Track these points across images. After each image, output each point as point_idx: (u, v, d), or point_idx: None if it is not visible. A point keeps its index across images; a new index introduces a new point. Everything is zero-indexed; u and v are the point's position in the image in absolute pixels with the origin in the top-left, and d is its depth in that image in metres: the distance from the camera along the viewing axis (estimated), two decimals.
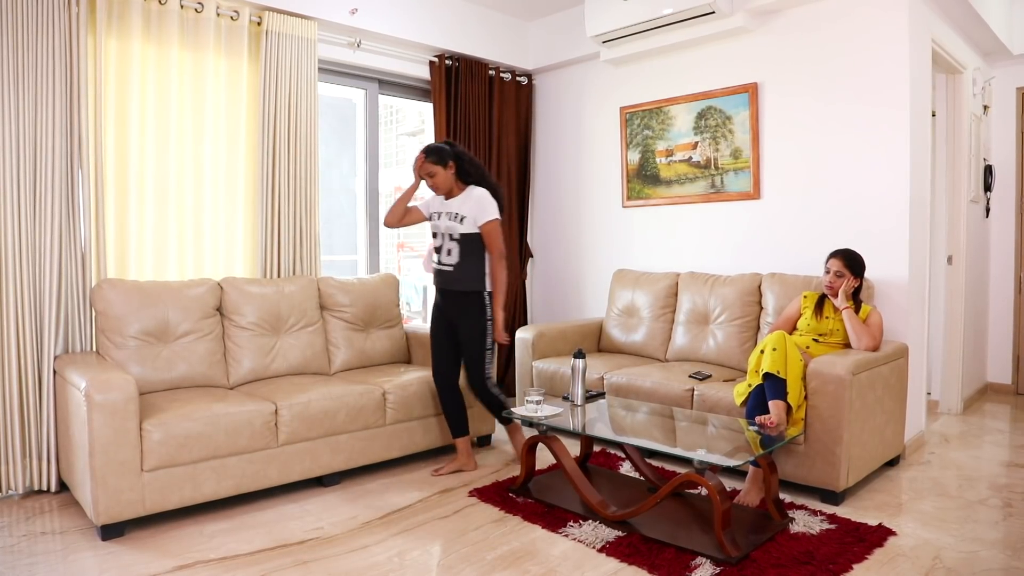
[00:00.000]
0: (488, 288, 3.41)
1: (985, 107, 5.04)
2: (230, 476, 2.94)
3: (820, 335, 3.36)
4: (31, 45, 3.10)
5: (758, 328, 3.86)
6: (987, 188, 5.14)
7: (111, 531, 2.69)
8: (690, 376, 3.62)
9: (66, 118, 3.21)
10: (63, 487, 3.20)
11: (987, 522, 2.84)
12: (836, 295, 3.34)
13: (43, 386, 3.15)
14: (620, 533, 2.70)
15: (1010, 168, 5.23)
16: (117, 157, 3.46)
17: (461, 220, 3.36)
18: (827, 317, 3.38)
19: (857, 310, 3.33)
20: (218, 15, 3.69)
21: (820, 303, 3.43)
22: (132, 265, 3.51)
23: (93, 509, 2.64)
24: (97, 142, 3.32)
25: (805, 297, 3.49)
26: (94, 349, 3.32)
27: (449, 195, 3.43)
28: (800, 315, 3.47)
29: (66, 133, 3.21)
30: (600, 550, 2.58)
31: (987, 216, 5.24)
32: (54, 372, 3.16)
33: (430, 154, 3.37)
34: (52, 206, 3.16)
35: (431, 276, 3.52)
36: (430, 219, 3.50)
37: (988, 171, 5.12)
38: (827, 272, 3.38)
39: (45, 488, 3.18)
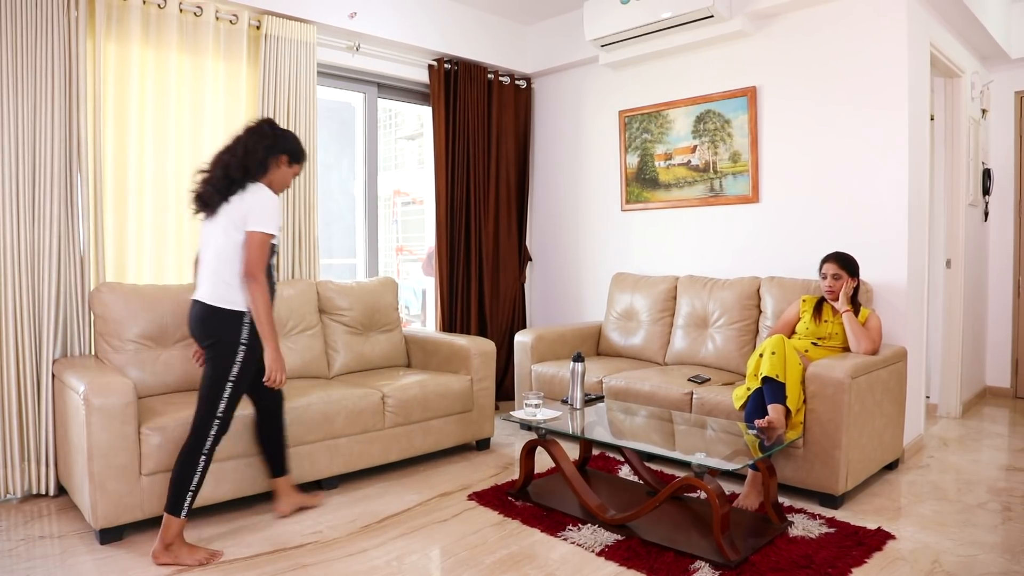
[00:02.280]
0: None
1: (983, 111, 5.05)
2: (228, 479, 2.94)
3: (819, 339, 3.36)
4: (30, 49, 3.10)
5: (757, 331, 3.86)
6: (985, 192, 5.15)
7: (109, 535, 2.69)
8: (689, 379, 3.62)
9: (65, 122, 3.21)
10: (61, 491, 3.20)
11: (986, 526, 2.84)
12: (837, 298, 3.35)
13: (42, 390, 3.15)
14: (619, 537, 2.70)
15: (1008, 172, 5.24)
16: (116, 161, 3.46)
17: None
18: (826, 321, 3.38)
19: (856, 313, 3.34)
20: (217, 19, 3.70)
21: (819, 307, 3.43)
22: (131, 269, 3.51)
23: (91, 513, 2.64)
24: (96, 146, 3.32)
25: (804, 301, 3.49)
26: (92, 353, 3.32)
27: None
28: (799, 319, 3.47)
29: (65, 137, 3.22)
30: (599, 554, 2.58)
31: (985, 220, 5.25)
32: (52, 376, 3.15)
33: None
34: (51, 210, 3.16)
35: (431, 280, 3.46)
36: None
37: (986, 175, 5.13)
38: (824, 277, 3.40)
39: (43, 492, 3.18)
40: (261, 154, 2.67)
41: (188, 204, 2.72)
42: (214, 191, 2.62)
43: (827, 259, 3.42)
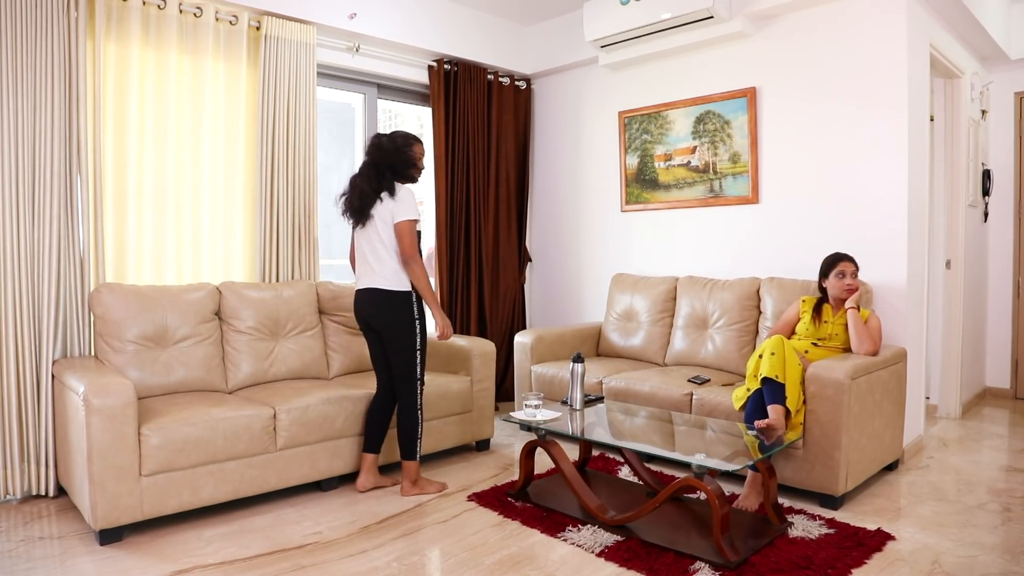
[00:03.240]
0: None
1: (983, 112, 5.05)
2: (228, 480, 2.94)
3: (819, 339, 3.36)
4: (30, 50, 3.10)
5: (757, 332, 3.86)
6: (985, 192, 5.15)
7: (109, 536, 2.69)
8: (689, 380, 3.62)
9: (65, 123, 3.21)
10: (61, 492, 3.20)
11: (986, 527, 2.84)
12: (848, 297, 3.32)
13: (41, 391, 3.15)
14: (619, 538, 2.70)
15: (1008, 172, 5.24)
16: (116, 161, 3.46)
17: None
18: (826, 321, 3.38)
19: None
20: (217, 20, 3.70)
21: (818, 308, 3.43)
22: (130, 269, 3.51)
23: (91, 514, 2.64)
24: (96, 146, 3.32)
25: (803, 301, 3.49)
26: (92, 354, 3.32)
27: None
28: (799, 319, 3.47)
29: (65, 137, 3.22)
30: (599, 555, 2.58)
31: (985, 220, 5.25)
32: (52, 377, 3.15)
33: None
34: (51, 210, 3.16)
35: (431, 280, 3.50)
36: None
37: (986, 175, 5.13)
38: (841, 276, 3.35)
39: (43, 493, 3.17)
40: (400, 166, 3.16)
41: (343, 216, 3.24)
42: (365, 202, 3.12)
43: (844, 258, 3.38)
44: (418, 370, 3.19)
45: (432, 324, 3.30)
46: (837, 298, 3.39)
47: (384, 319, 3.16)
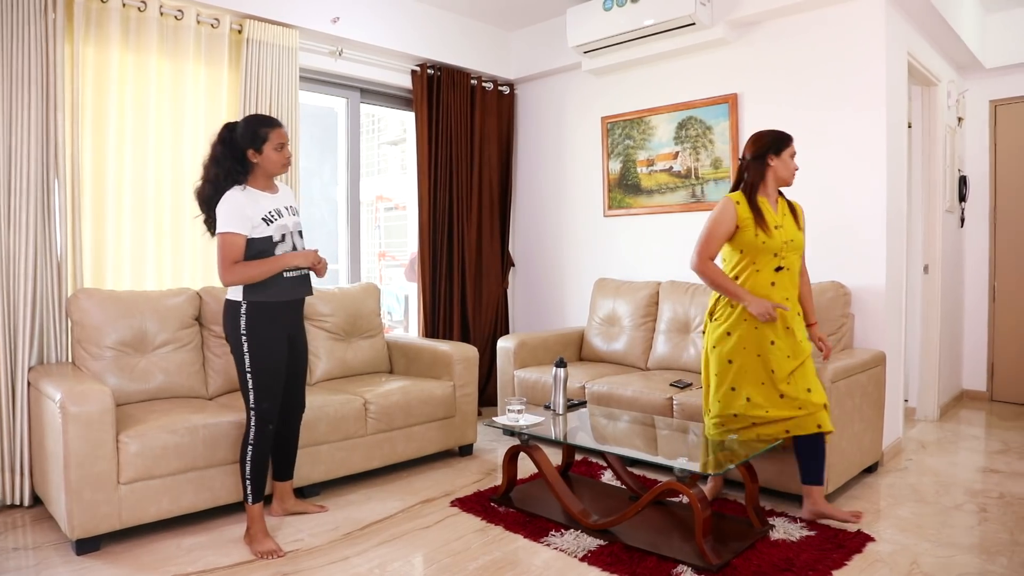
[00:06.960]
0: None
1: (959, 119, 5.13)
2: (208, 488, 2.91)
3: (776, 257, 2.78)
4: (6, 52, 3.06)
5: None
6: (962, 198, 5.23)
7: (86, 545, 2.65)
8: (671, 385, 3.64)
9: (42, 126, 3.17)
10: (37, 501, 3.14)
11: (963, 527, 2.87)
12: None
13: (17, 398, 3.10)
14: (602, 542, 2.70)
15: (983, 179, 5.32)
16: (94, 165, 3.42)
17: (296, 212, 2.91)
18: (777, 227, 2.78)
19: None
20: (198, 23, 3.67)
21: (756, 208, 2.77)
22: (109, 274, 3.47)
23: (68, 523, 2.60)
24: (74, 150, 3.28)
25: (737, 204, 2.79)
26: (70, 360, 3.27)
27: (270, 187, 2.84)
28: (736, 230, 2.79)
29: (42, 141, 3.17)
30: (582, 559, 2.58)
31: (962, 226, 5.33)
32: (28, 384, 3.10)
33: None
34: (27, 214, 3.12)
35: (413, 285, 3.46)
36: (267, 222, 2.73)
37: (962, 182, 5.21)
38: (793, 156, 2.88)
39: (18, 502, 3.12)
40: (228, 164, 2.75)
41: (204, 232, 2.88)
42: (208, 213, 2.78)
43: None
44: (251, 396, 2.69)
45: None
46: (786, 182, 2.86)
47: (224, 332, 2.78)
